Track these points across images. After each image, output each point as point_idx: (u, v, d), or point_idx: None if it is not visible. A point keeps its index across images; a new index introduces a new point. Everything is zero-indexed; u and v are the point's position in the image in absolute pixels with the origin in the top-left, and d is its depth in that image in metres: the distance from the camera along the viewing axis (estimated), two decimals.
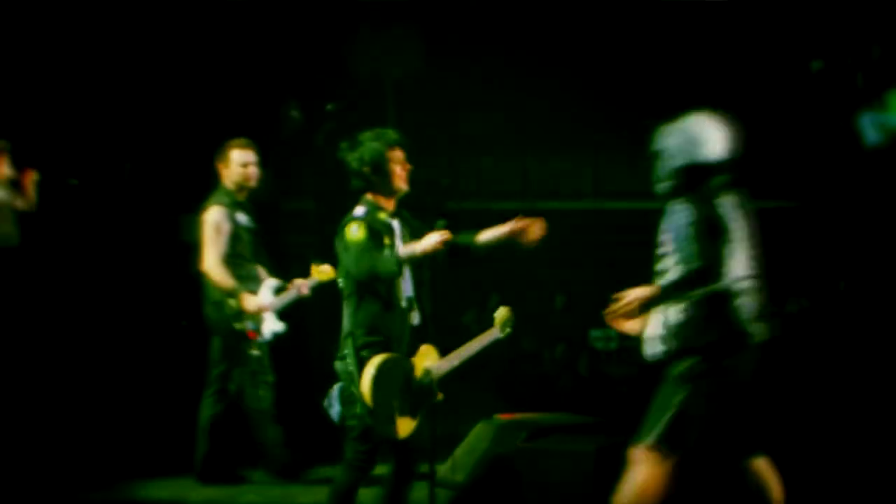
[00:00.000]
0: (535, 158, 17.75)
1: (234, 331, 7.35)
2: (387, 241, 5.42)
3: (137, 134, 11.52)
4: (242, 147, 7.66)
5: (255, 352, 7.41)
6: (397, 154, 5.52)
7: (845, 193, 17.10)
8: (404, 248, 5.39)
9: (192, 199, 10.95)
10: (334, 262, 7.48)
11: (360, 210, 5.46)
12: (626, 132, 17.55)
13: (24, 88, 10.41)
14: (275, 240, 8.76)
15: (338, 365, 5.43)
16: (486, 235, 5.54)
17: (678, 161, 4.96)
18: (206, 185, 7.98)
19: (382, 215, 5.45)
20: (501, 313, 5.96)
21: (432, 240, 5.26)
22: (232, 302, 7.35)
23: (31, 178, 8.16)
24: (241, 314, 7.35)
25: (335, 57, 12.53)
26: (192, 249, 7.86)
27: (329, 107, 10.81)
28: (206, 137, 11.76)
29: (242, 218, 7.56)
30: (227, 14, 12.25)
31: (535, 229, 5.47)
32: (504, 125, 17.07)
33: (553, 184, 17.82)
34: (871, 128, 15.32)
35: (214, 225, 7.45)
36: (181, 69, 11.76)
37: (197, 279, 7.65)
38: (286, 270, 7.90)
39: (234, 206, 7.53)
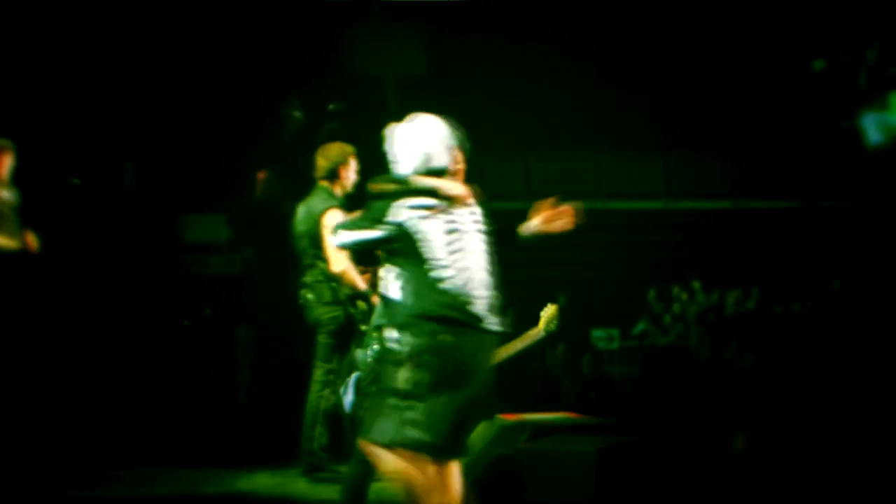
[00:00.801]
0: (537, 158, 17.77)
1: (355, 331, 7.37)
2: None
3: (139, 134, 11.53)
4: (355, 155, 7.69)
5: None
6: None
7: (845, 193, 17.09)
8: None
9: (193, 199, 10.98)
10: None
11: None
12: (628, 132, 17.62)
13: (27, 89, 10.42)
14: None
15: (358, 354, 5.42)
16: (525, 229, 5.51)
17: (408, 167, 4.95)
18: (206, 184, 7.98)
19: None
20: (548, 312, 5.96)
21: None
22: (361, 303, 7.38)
23: (31, 240, 8.11)
24: (366, 315, 7.39)
25: (337, 56, 12.54)
26: (192, 249, 7.85)
27: (331, 106, 10.81)
28: (207, 137, 11.79)
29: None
30: (229, 15, 12.26)
31: (562, 217, 5.46)
32: (506, 125, 17.09)
33: (555, 183, 17.83)
34: (873, 128, 15.31)
35: None
36: (183, 69, 11.76)
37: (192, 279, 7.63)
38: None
39: (343, 208, 7.56)
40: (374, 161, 5.97)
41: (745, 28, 16.84)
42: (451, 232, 4.81)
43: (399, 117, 5.21)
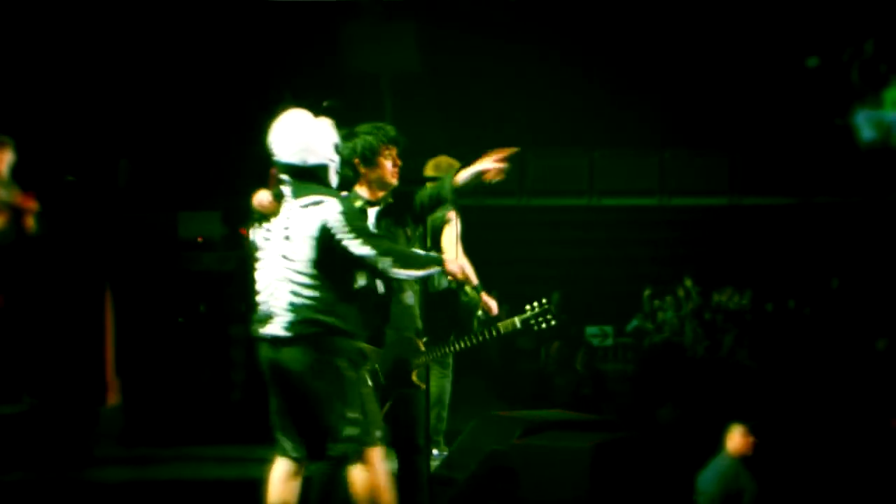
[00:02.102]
0: (531, 155, 17.79)
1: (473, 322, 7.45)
2: None
3: (134, 131, 11.53)
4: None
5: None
6: (390, 150, 5.52)
7: (839, 190, 17.13)
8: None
9: (189, 196, 11.00)
10: None
11: (343, 194, 5.43)
12: (623, 129, 17.64)
13: (22, 86, 10.42)
14: None
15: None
16: (463, 176, 5.56)
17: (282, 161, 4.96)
18: (201, 181, 7.97)
19: (359, 202, 5.44)
20: (537, 305, 5.86)
21: None
22: (471, 291, 7.51)
23: (31, 206, 8.09)
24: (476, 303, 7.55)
25: (332, 54, 12.55)
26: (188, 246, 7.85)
27: (326, 104, 10.80)
28: (202, 134, 11.80)
29: None
30: (223, 12, 12.27)
31: (501, 163, 5.54)
32: (500, 122, 17.10)
33: (549, 181, 17.87)
34: (866, 125, 15.34)
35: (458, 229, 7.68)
36: (178, 66, 11.77)
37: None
38: None
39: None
40: None
41: (740, 25, 16.87)
42: (267, 234, 4.88)
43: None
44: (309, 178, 4.88)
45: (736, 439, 6.63)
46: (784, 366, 10.53)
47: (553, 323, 5.82)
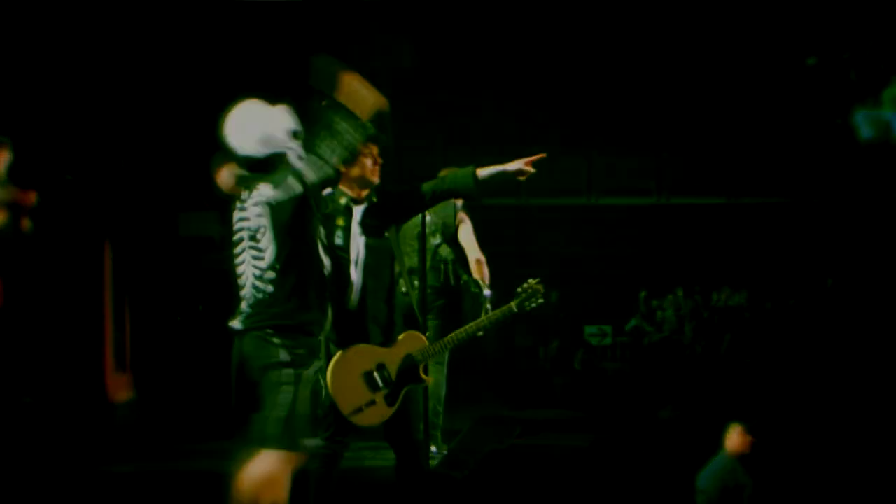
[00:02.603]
0: (528, 155, 17.76)
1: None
2: (340, 221, 5.44)
3: (134, 130, 11.54)
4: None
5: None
6: (371, 148, 5.54)
7: (837, 190, 17.14)
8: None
9: (189, 196, 11.00)
10: None
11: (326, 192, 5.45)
12: (620, 130, 17.64)
13: (21, 84, 10.43)
14: None
15: None
16: (486, 172, 5.65)
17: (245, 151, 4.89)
18: (202, 181, 7.95)
19: (343, 199, 5.46)
20: (526, 286, 5.92)
21: None
22: (483, 285, 7.64)
23: (28, 202, 8.08)
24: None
25: (331, 53, 12.55)
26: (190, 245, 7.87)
27: (324, 103, 10.79)
28: (201, 134, 11.79)
29: None
30: (222, 12, 12.28)
31: (529, 167, 5.65)
32: (498, 122, 17.11)
33: (547, 181, 17.87)
34: (865, 123, 15.35)
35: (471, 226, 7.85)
36: (177, 66, 11.78)
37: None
38: None
39: None
40: None
41: (738, 25, 16.88)
42: (237, 232, 4.86)
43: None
44: (269, 169, 4.83)
45: (734, 438, 6.64)
46: (782, 364, 10.55)
47: (542, 300, 5.90)
